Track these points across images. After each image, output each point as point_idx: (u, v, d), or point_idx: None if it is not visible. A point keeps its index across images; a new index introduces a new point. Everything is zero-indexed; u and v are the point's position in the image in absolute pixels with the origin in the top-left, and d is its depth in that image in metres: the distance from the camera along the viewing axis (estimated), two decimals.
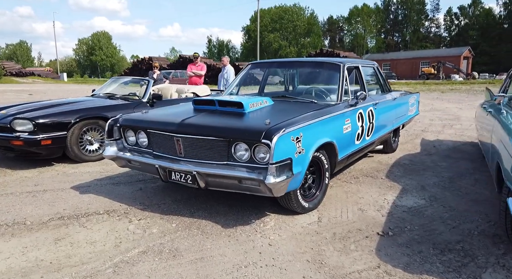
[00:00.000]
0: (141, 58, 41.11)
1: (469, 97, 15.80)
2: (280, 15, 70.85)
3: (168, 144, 3.13)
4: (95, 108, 5.25)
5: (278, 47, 68.80)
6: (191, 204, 3.40)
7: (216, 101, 3.40)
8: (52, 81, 43.63)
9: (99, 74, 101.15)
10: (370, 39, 76.06)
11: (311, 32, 72.23)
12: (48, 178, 4.33)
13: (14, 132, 4.63)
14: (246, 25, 78.42)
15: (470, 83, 29.93)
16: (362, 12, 74.05)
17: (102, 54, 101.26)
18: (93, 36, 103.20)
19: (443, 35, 76.16)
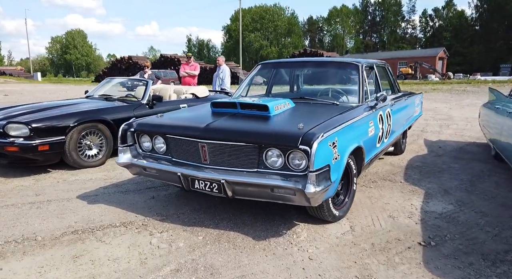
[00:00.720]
0: (120, 57, 40.22)
1: (453, 96, 16.09)
2: (261, 15, 70.86)
3: (191, 151, 2.92)
4: (93, 111, 4.96)
5: (259, 46, 68.72)
6: (212, 214, 3.21)
7: (238, 104, 3.21)
8: (25, 81, 42.07)
9: (74, 73, 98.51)
10: (349, 40, 77.03)
11: (291, 32, 72.52)
12: (48, 186, 4.04)
13: (8, 137, 4.30)
14: (226, 24, 78.10)
15: (449, 83, 30.56)
16: (341, 13, 74.94)
17: (77, 53, 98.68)
18: (68, 34, 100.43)
19: (418, 36, 77.95)
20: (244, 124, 2.91)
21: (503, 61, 62.48)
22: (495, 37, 64.10)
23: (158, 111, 5.62)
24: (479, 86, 23.49)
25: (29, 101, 14.61)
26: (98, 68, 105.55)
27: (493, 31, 63.95)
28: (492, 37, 63.84)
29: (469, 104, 12.70)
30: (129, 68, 38.80)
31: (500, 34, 64.22)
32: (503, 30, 64.14)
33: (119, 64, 39.96)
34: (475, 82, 31.13)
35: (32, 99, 15.79)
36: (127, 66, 38.97)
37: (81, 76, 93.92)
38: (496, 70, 57.16)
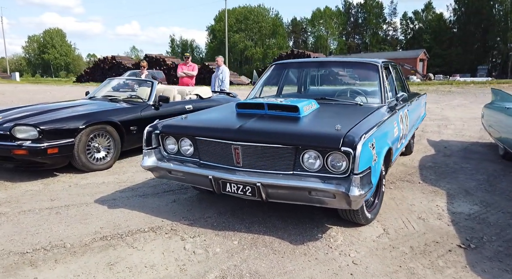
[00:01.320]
0: (103, 57, 39.45)
1: (441, 97, 16.42)
2: (246, 16, 70.81)
3: (223, 153, 2.86)
4: (101, 112, 4.82)
5: (244, 47, 68.67)
6: (240, 217, 3.15)
7: (266, 105, 3.16)
8: (3, 81, 40.82)
9: (53, 73, 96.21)
10: (333, 41, 77.79)
11: (276, 33, 72.73)
12: (60, 191, 3.90)
13: (15, 140, 4.14)
14: (210, 25, 77.73)
15: (432, 84, 31.19)
16: (325, 15, 75.57)
17: (55, 52, 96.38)
18: (45, 33, 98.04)
19: (399, 38, 79.36)
20: (278, 125, 2.86)
21: (480, 62, 64.37)
22: (472, 39, 65.92)
23: (164, 112, 5.56)
24: (463, 87, 24.14)
25: (13, 102, 14.15)
26: (78, 68, 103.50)
27: (471, 33, 65.71)
28: (469, 39, 65.62)
29: (459, 104, 12.98)
30: (112, 68, 38.12)
31: (477, 37, 66.08)
32: (480, 33, 66.00)
33: (102, 64, 39.18)
34: (456, 83, 31.89)
35: (16, 100, 15.33)
36: (111, 66, 38.26)
37: (60, 76, 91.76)
38: (474, 71, 58.78)
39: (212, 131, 2.91)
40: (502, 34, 63.36)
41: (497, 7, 65.18)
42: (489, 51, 69.27)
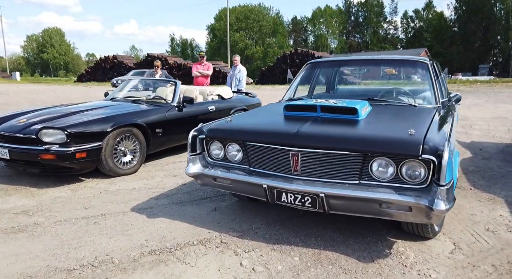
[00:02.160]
0: (105, 57, 39.15)
1: None
2: (246, 15, 70.49)
3: (278, 160, 2.62)
4: (127, 115, 4.60)
5: (244, 46, 68.38)
6: (292, 229, 2.92)
7: (319, 107, 2.93)
8: (3, 81, 40.44)
9: (52, 73, 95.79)
10: (333, 40, 77.54)
11: (276, 32, 72.44)
12: (91, 198, 3.67)
13: (42, 144, 3.91)
14: (211, 24, 77.35)
15: None
16: (325, 13, 75.32)
17: (54, 52, 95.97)
18: (44, 32, 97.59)
19: (400, 37, 79.18)
20: (342, 129, 2.63)
21: (481, 61, 64.28)
22: (473, 38, 65.81)
23: (188, 113, 5.34)
24: (471, 86, 23.88)
25: (19, 102, 13.86)
26: (77, 68, 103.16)
27: (471, 32, 65.59)
28: (470, 38, 65.50)
29: (474, 104, 12.77)
30: (114, 67, 37.87)
31: (478, 36, 65.95)
32: (481, 31, 65.87)
33: (103, 63, 38.90)
34: (460, 82, 31.72)
35: (22, 101, 15.07)
36: (112, 66, 38.01)
37: (59, 75, 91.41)
38: (475, 70, 58.70)
39: (266, 136, 2.68)
40: (504, 33, 63.28)
41: (498, 6, 65.09)
42: (490, 50, 69.20)
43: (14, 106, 12.63)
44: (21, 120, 4.28)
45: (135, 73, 24.64)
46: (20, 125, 4.17)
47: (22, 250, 2.58)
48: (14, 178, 4.32)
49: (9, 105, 13.01)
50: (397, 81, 4.20)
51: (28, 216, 3.20)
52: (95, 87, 27.55)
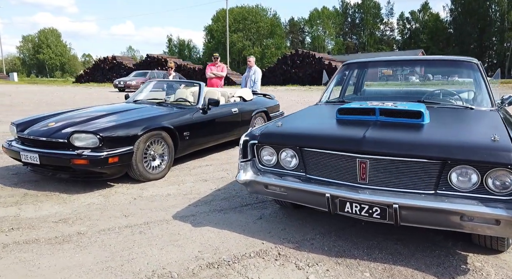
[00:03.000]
0: (104, 57, 38.86)
1: None
2: (244, 16, 70.36)
3: (342, 167, 2.50)
4: (156, 118, 4.47)
5: (242, 47, 68.29)
6: (350, 240, 2.80)
7: (378, 110, 2.82)
8: (1, 81, 40.01)
9: (48, 73, 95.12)
10: (330, 41, 77.65)
11: (274, 33, 72.39)
12: (126, 204, 3.54)
13: (73, 148, 3.78)
14: (208, 25, 77.16)
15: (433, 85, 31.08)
16: (323, 15, 75.41)
17: (50, 52, 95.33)
18: (40, 33, 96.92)
19: (396, 38, 79.46)
20: (414, 135, 2.48)
21: None
22: (469, 39, 66.16)
23: (212, 116, 5.23)
24: None
25: (24, 103, 13.62)
26: (74, 68, 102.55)
27: (467, 33, 65.92)
28: (466, 39, 65.85)
29: None
30: (113, 68, 37.61)
31: (473, 37, 66.33)
32: (476, 33, 66.26)
33: (102, 64, 38.60)
34: (458, 83, 31.85)
35: (27, 102, 14.85)
36: (111, 67, 37.75)
37: (55, 76, 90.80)
38: None
39: (327, 142, 2.56)
40: (499, 34, 63.70)
41: (494, 8, 65.53)
42: (486, 51, 69.65)
43: (20, 107, 12.44)
44: (50, 123, 4.14)
45: (137, 74, 24.44)
46: (49, 129, 4.03)
47: (73, 263, 2.45)
48: (41, 183, 4.18)
49: (15, 106, 12.81)
50: (438, 81, 4.09)
51: (68, 224, 3.07)
52: (96, 89, 27.28)
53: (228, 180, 4.34)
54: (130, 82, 22.24)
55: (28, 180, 4.28)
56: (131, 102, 5.45)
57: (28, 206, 3.51)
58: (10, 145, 4.17)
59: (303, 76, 30.23)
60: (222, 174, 4.59)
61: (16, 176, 4.44)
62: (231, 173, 4.61)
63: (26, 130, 4.16)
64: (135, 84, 21.95)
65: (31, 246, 2.68)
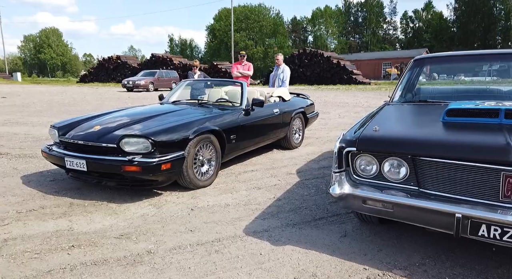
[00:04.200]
0: (108, 57, 38.49)
1: None
2: (246, 15, 69.97)
3: (476, 181, 2.11)
4: (204, 120, 4.11)
5: (245, 46, 67.87)
6: (468, 266, 2.40)
7: (503, 111, 2.41)
8: (4, 81, 39.62)
9: (49, 73, 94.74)
10: (333, 40, 77.25)
11: (277, 33, 71.99)
12: (184, 217, 3.20)
13: (123, 154, 3.44)
14: (210, 24, 76.76)
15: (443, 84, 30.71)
16: (325, 14, 75.02)
17: (51, 52, 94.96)
18: (41, 32, 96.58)
19: (400, 37, 79.10)
20: None
21: None
22: (473, 38, 65.84)
23: (255, 118, 4.90)
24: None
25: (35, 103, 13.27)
26: (75, 68, 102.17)
27: (471, 32, 65.60)
28: (470, 38, 65.51)
29: None
30: (117, 68, 37.26)
31: (477, 36, 66.00)
32: (480, 32, 65.94)
33: (106, 64, 38.22)
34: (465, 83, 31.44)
35: (39, 102, 14.50)
36: (116, 66, 37.39)
37: (57, 76, 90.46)
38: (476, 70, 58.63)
39: (457, 150, 2.15)
40: (504, 33, 63.36)
41: (498, 6, 65.20)
42: None
43: (33, 108, 12.10)
44: (95, 127, 3.80)
45: (145, 73, 24.10)
46: (95, 132, 3.69)
47: None
48: (84, 191, 3.84)
49: (27, 107, 12.46)
50: None
51: (133, 241, 2.73)
52: (104, 88, 26.88)
53: (282, 187, 3.99)
54: (139, 81, 21.90)
55: (69, 188, 3.94)
56: (169, 103, 5.11)
57: (78, 218, 3.17)
58: (51, 150, 3.84)
59: (311, 75, 29.89)
60: (273, 181, 4.25)
61: (55, 183, 4.10)
62: (282, 180, 4.26)
63: (68, 134, 3.82)
64: (144, 83, 21.63)
65: (101, 268, 2.33)
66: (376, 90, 22.76)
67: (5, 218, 3.14)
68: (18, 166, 4.84)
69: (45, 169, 4.69)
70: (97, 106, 12.64)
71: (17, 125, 8.45)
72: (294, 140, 5.93)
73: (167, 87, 23.90)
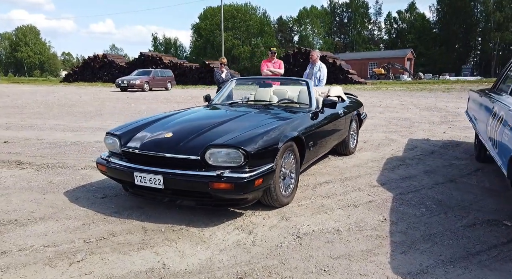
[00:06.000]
0: (94, 55, 37.12)
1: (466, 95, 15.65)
2: (233, 14, 69.16)
3: None
4: (285, 125, 3.52)
5: (232, 46, 67.12)
6: None
7: None
8: None
9: (26, 72, 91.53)
10: (319, 40, 77.32)
11: (263, 32, 71.49)
12: (297, 247, 2.60)
13: (207, 167, 2.84)
14: (195, 23, 75.59)
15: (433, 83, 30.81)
16: (311, 14, 75.01)
17: (29, 50, 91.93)
18: (18, 30, 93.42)
19: (384, 38, 79.83)
20: None
21: (462, 62, 65.57)
22: (455, 39, 67.04)
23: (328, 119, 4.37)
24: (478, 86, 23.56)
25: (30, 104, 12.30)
26: (53, 67, 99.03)
27: (453, 33, 66.73)
28: (452, 39, 66.67)
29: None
30: (103, 67, 36.01)
31: (459, 37, 67.21)
32: (462, 33, 67.19)
33: (92, 62, 36.83)
34: (449, 82, 31.50)
35: (31, 102, 13.53)
36: (102, 65, 36.11)
37: (35, 75, 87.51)
38: (458, 71, 59.66)
39: None
40: (485, 34, 64.67)
41: (479, 8, 66.53)
42: (471, 51, 70.75)
43: (29, 109, 11.20)
44: (166, 134, 3.16)
45: (139, 72, 23.13)
46: (168, 140, 3.06)
47: None
48: (149, 211, 3.19)
49: (22, 108, 11.54)
50: None
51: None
52: (93, 88, 25.81)
53: (382, 205, 3.39)
54: (134, 81, 20.97)
55: (129, 207, 3.30)
56: (225, 105, 4.49)
57: (164, 249, 2.55)
58: (109, 162, 3.18)
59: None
60: (363, 196, 3.63)
61: (109, 201, 3.45)
62: (373, 195, 3.65)
63: (132, 143, 3.18)
64: (140, 83, 20.74)
65: None
66: (377, 89, 22.54)
67: (75, 252, 2.49)
68: (52, 178, 4.15)
69: (86, 182, 4.02)
70: (100, 107, 11.83)
71: (23, 129, 7.64)
72: (351, 144, 5.40)
73: (162, 87, 23.03)
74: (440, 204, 3.36)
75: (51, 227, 2.88)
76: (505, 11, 61.45)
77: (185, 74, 32.51)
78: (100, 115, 10.23)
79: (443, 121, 8.74)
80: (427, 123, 8.44)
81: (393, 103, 13.36)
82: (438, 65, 64.75)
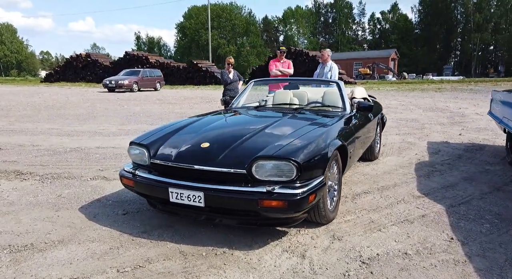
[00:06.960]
0: (76, 55, 36.03)
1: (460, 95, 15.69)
2: (218, 13, 68.48)
3: None
4: (328, 132, 3.18)
5: (217, 45, 66.46)
6: None
7: None
8: None
9: (2, 72, 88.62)
10: (304, 40, 77.40)
11: (249, 32, 71.08)
12: (370, 276, 2.29)
13: (255, 183, 2.48)
14: (180, 22, 74.60)
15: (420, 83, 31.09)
16: (297, 14, 75.03)
17: (5, 49, 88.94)
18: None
19: (368, 38, 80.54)
20: None
21: (444, 62, 66.69)
22: (436, 40, 68.15)
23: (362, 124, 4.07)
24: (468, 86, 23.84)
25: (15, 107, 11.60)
26: (32, 67, 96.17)
27: (434, 34, 67.82)
28: (433, 39, 67.75)
29: None
30: (87, 66, 34.98)
31: (440, 37, 68.34)
32: (443, 33, 68.34)
33: (74, 62, 35.70)
34: (437, 82, 31.86)
35: (15, 104, 12.82)
36: (85, 65, 35.07)
37: (12, 75, 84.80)
38: (440, 70, 60.65)
39: None
40: (466, 34, 65.91)
41: (459, 9, 67.81)
42: (452, 51, 72.05)
43: (16, 112, 10.55)
44: (203, 143, 2.77)
45: (127, 72, 22.42)
46: (206, 152, 2.68)
47: None
48: (182, 231, 2.81)
49: (10, 111, 10.87)
50: None
51: None
52: (77, 89, 24.93)
53: (437, 220, 3.05)
54: (123, 81, 20.28)
55: (157, 225, 2.91)
56: (250, 109, 4.12)
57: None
58: (136, 175, 2.78)
59: (295, 75, 29.24)
60: (411, 209, 3.29)
61: (132, 218, 3.05)
62: (422, 207, 3.31)
63: (163, 154, 2.78)
64: (128, 83, 20.08)
65: None
66: (369, 89, 22.44)
67: None
68: (61, 192, 3.71)
69: (99, 195, 3.61)
70: (91, 109, 11.27)
71: (14, 133, 7.09)
72: (376, 149, 5.10)
73: (151, 87, 22.39)
74: (502, 218, 3.08)
75: (75, 253, 2.47)
76: (484, 12, 62.84)
77: (173, 74, 31.86)
78: (93, 117, 9.69)
79: (452, 122, 8.58)
80: (437, 124, 8.26)
81: (392, 104, 13.21)
82: (420, 65, 65.68)
